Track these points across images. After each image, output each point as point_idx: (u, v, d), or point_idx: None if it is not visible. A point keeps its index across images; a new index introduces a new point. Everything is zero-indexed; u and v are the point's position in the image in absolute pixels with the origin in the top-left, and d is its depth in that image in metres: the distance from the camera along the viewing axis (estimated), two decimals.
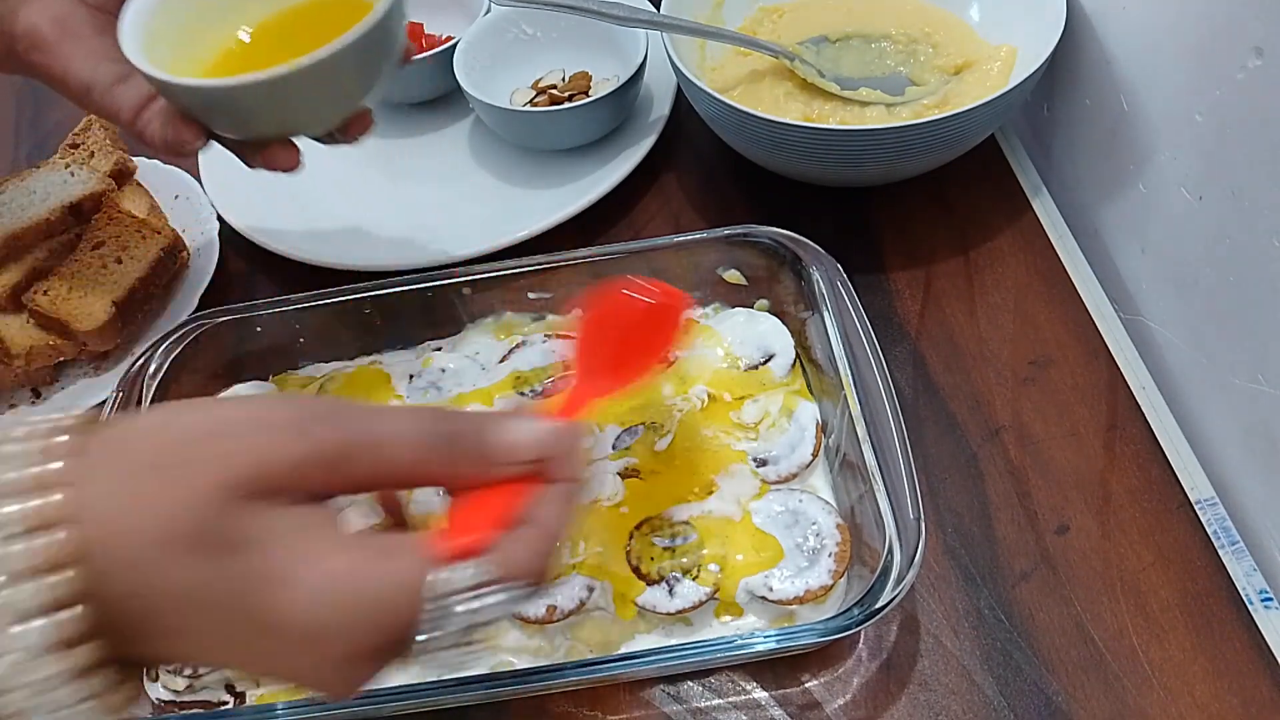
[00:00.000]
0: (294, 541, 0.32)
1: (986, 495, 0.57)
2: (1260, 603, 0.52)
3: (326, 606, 0.32)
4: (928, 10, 0.78)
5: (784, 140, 0.65)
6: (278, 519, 0.32)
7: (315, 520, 0.33)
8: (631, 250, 0.63)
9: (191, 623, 0.32)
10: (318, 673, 0.33)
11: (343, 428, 0.34)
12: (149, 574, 0.31)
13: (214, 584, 0.31)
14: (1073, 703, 0.50)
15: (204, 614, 0.32)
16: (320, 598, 0.32)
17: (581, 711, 0.52)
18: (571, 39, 0.82)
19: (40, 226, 0.70)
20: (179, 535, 0.31)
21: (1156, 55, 0.61)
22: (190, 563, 0.31)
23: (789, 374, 0.59)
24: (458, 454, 0.36)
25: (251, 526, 0.32)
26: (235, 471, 0.32)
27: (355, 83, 0.52)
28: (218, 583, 0.31)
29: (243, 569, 0.31)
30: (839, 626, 0.46)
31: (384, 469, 0.34)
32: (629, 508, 0.54)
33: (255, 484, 0.32)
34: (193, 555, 0.31)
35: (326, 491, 0.34)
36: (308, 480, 0.33)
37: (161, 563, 0.31)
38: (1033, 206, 0.71)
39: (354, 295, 0.63)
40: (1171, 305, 0.64)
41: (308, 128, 0.54)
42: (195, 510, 0.31)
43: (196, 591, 0.31)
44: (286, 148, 0.54)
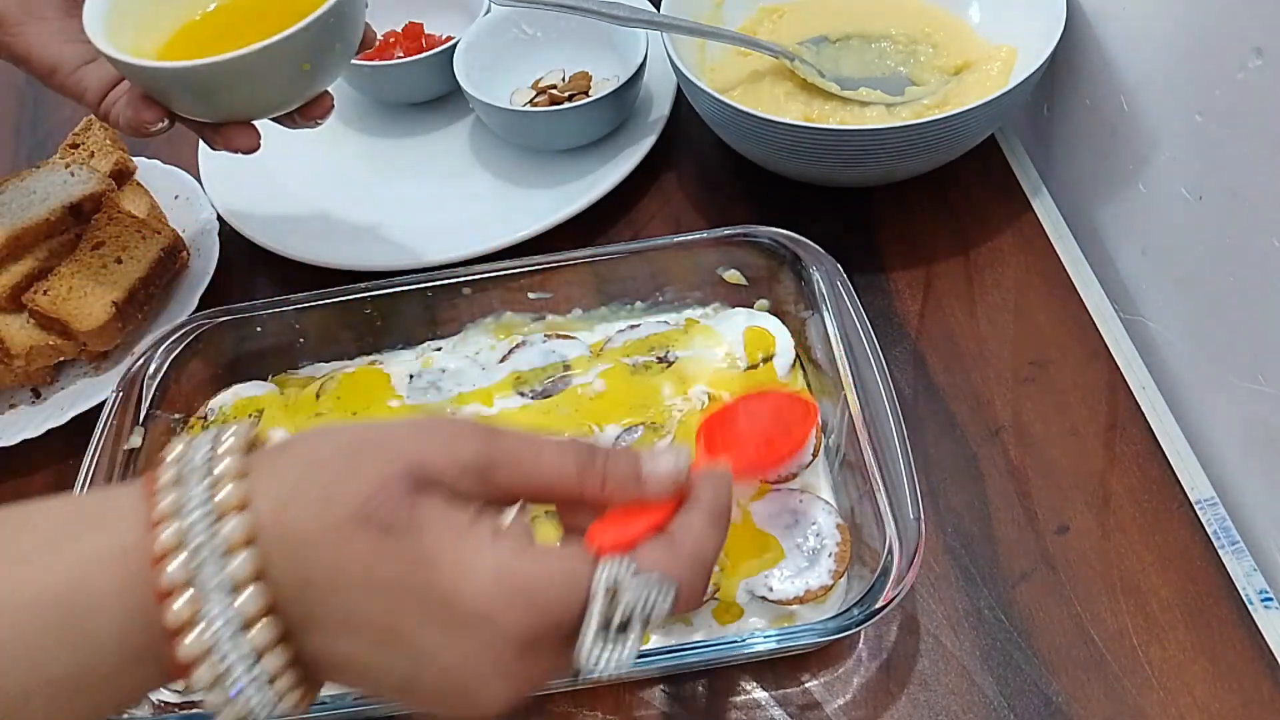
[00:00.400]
0: (463, 530, 0.33)
1: (986, 495, 0.57)
2: (1260, 603, 0.52)
3: (497, 586, 0.32)
4: (928, 10, 0.78)
5: (784, 140, 0.65)
6: (446, 511, 0.33)
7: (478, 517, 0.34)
8: (631, 250, 0.63)
9: (362, 606, 0.32)
10: (480, 661, 0.32)
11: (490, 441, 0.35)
12: (324, 552, 0.32)
13: (388, 562, 0.32)
14: (1073, 703, 0.50)
15: (375, 595, 0.32)
16: (491, 578, 0.32)
17: (581, 711, 0.52)
18: (571, 39, 0.82)
19: (40, 226, 0.70)
20: (355, 515, 0.32)
21: (1156, 55, 0.61)
22: (366, 541, 0.32)
23: (789, 374, 0.59)
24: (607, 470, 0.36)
25: (423, 513, 0.33)
26: (408, 462, 0.33)
27: (312, 66, 0.53)
28: (392, 561, 0.32)
29: (417, 549, 0.32)
30: (839, 626, 0.46)
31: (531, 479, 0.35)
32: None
33: (425, 477, 0.33)
34: (368, 534, 0.32)
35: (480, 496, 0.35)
36: (463, 484, 0.34)
37: (337, 541, 0.32)
38: (1033, 206, 0.71)
39: (354, 295, 0.63)
40: (1171, 305, 0.64)
41: (266, 110, 0.56)
42: (370, 493, 0.32)
43: (371, 568, 0.32)
44: (245, 129, 0.55)
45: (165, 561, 0.31)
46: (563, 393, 0.60)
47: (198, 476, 0.33)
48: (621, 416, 0.58)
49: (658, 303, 0.65)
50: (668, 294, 0.65)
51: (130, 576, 0.31)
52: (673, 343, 0.61)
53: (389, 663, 0.33)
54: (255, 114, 0.55)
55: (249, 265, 0.76)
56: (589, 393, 0.59)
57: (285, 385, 0.64)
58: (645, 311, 0.65)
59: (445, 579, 0.32)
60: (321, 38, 0.52)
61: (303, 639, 0.33)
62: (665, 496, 0.37)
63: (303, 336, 0.65)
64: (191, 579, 0.31)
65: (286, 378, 0.65)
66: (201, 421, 0.62)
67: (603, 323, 0.65)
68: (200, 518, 0.32)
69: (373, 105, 0.86)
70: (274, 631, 0.32)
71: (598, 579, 0.33)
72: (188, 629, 0.31)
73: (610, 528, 0.36)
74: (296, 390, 0.63)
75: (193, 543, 0.31)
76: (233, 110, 0.54)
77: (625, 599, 0.33)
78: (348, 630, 0.32)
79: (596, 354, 0.62)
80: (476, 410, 0.60)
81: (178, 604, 0.31)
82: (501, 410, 0.60)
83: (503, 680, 0.33)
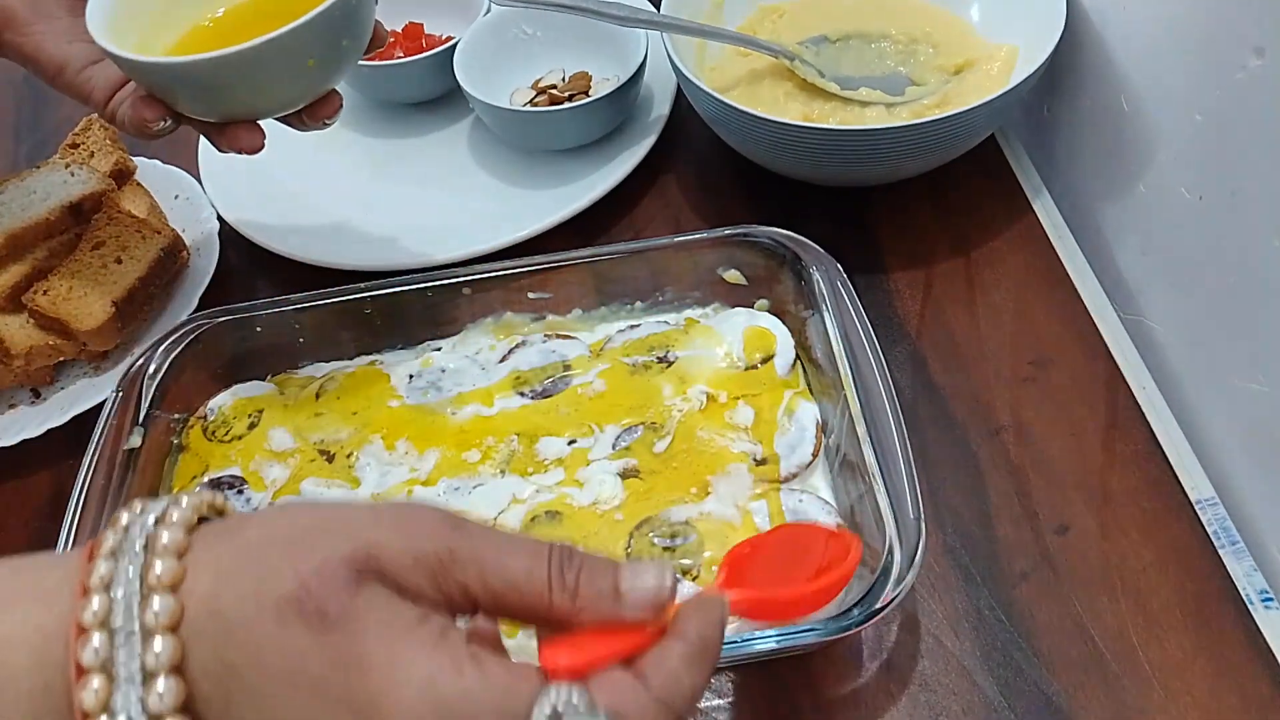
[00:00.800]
0: (402, 631, 0.30)
1: (986, 495, 0.57)
2: (1260, 603, 0.52)
3: (424, 703, 0.29)
4: (928, 10, 0.78)
5: (784, 140, 0.65)
6: (388, 606, 0.31)
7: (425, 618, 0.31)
8: (631, 250, 0.63)
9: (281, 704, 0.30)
10: None
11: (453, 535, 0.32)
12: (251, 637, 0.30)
13: (315, 657, 0.30)
14: (1073, 703, 0.50)
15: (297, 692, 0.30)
16: (420, 693, 0.30)
17: None
18: (571, 39, 0.82)
19: (40, 226, 0.70)
20: (288, 600, 0.30)
21: (1156, 55, 0.61)
22: (295, 630, 0.30)
23: (789, 374, 0.59)
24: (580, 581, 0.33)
25: (361, 606, 0.30)
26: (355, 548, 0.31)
27: (318, 62, 0.52)
28: (319, 656, 0.30)
29: (347, 647, 0.30)
30: (839, 626, 0.46)
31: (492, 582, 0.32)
32: (629, 508, 0.54)
33: (372, 566, 0.31)
34: (299, 622, 0.30)
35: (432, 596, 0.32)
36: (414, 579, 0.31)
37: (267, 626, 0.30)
38: (1033, 206, 0.71)
39: (354, 295, 0.63)
40: (1171, 305, 0.64)
41: (272, 108, 0.55)
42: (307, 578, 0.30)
43: (296, 662, 0.30)
44: (250, 129, 0.54)
45: (85, 639, 0.29)
46: (563, 392, 0.60)
47: (135, 549, 0.31)
48: (621, 416, 0.58)
49: (658, 303, 0.65)
50: (668, 294, 0.65)
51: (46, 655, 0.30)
52: (673, 343, 0.61)
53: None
54: (260, 112, 0.54)
55: (249, 265, 0.76)
56: (589, 393, 0.59)
57: (285, 385, 0.64)
58: (645, 311, 0.65)
59: (372, 686, 0.30)
60: (327, 33, 0.51)
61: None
62: (644, 619, 0.33)
63: (303, 336, 0.65)
64: (105, 663, 0.29)
65: (286, 378, 0.65)
66: (201, 421, 0.62)
67: (603, 323, 0.65)
68: (127, 595, 0.30)
69: (373, 105, 0.86)
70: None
71: (539, 708, 0.30)
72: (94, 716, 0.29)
73: (570, 647, 0.32)
74: (296, 390, 0.63)
75: (115, 623, 0.30)
76: (237, 108, 0.53)
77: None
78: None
79: (596, 354, 0.62)
80: (476, 410, 0.60)
81: (87, 690, 0.29)
82: (501, 410, 0.60)
83: None
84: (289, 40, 0.49)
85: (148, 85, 0.53)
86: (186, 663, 0.30)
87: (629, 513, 0.54)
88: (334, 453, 0.59)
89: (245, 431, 0.61)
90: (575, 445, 0.57)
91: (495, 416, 0.60)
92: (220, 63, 0.49)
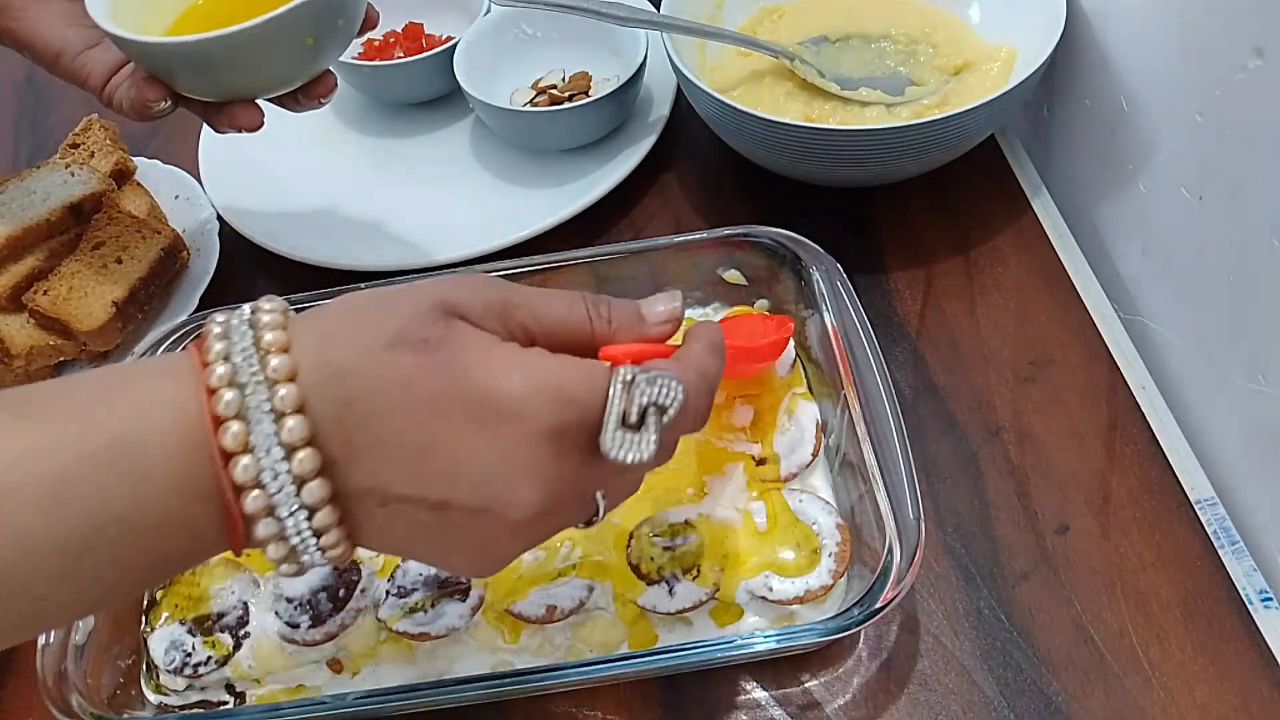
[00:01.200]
0: (492, 342, 0.36)
1: (986, 495, 0.57)
2: (1260, 603, 0.52)
3: (527, 382, 0.35)
4: (928, 10, 0.78)
5: (784, 140, 0.65)
6: (478, 332, 0.36)
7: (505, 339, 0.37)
8: (631, 250, 0.63)
9: (401, 420, 0.34)
10: (515, 456, 0.34)
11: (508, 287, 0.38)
12: (363, 378, 0.34)
13: (425, 374, 0.34)
14: (1073, 703, 0.50)
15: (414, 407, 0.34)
16: (521, 377, 0.35)
17: (581, 711, 0.52)
18: (571, 39, 0.82)
19: (40, 226, 0.70)
20: (391, 339, 0.34)
21: (1156, 55, 0.61)
22: (403, 359, 0.34)
23: (789, 374, 0.59)
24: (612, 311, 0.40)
25: (455, 331, 0.35)
26: (437, 297, 0.36)
27: (315, 41, 0.53)
28: (428, 372, 0.34)
29: (451, 360, 0.35)
30: (839, 626, 0.46)
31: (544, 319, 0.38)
32: (628, 508, 0.54)
33: (453, 309, 0.36)
34: (404, 352, 0.34)
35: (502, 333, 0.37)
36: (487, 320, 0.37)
37: (375, 365, 0.34)
38: (1033, 206, 0.71)
39: None
40: (1171, 305, 0.64)
41: (270, 86, 0.56)
42: (404, 321, 0.35)
43: (409, 382, 0.34)
44: (248, 107, 0.55)
45: (217, 396, 0.33)
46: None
47: (243, 327, 0.35)
48: None
49: None
50: None
51: (183, 414, 0.34)
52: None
53: (428, 477, 0.34)
54: (258, 91, 0.55)
55: (249, 265, 0.76)
56: None
57: None
58: None
59: (479, 380, 0.34)
60: (324, 12, 0.52)
61: (345, 473, 0.34)
62: (666, 330, 0.41)
63: None
64: (240, 411, 0.33)
65: None
66: None
67: None
68: (246, 359, 0.34)
69: (373, 105, 0.86)
70: (316, 461, 0.34)
71: (615, 376, 0.36)
72: (238, 457, 0.33)
73: (621, 349, 0.39)
74: None
75: (241, 379, 0.34)
76: (235, 87, 0.54)
77: (640, 390, 0.36)
78: (389, 450, 0.34)
79: None
80: None
81: (226, 434, 0.33)
82: None
83: (535, 479, 0.35)
84: (288, 19, 0.51)
85: (149, 66, 0.53)
86: (309, 407, 0.34)
87: (629, 513, 0.54)
88: None
89: None
90: None
91: None
92: (221, 41, 0.50)
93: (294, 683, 0.53)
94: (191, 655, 0.52)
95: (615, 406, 0.35)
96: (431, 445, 0.34)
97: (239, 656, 0.52)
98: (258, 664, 0.52)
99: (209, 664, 0.52)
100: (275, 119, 0.58)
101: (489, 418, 0.34)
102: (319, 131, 0.84)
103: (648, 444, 0.35)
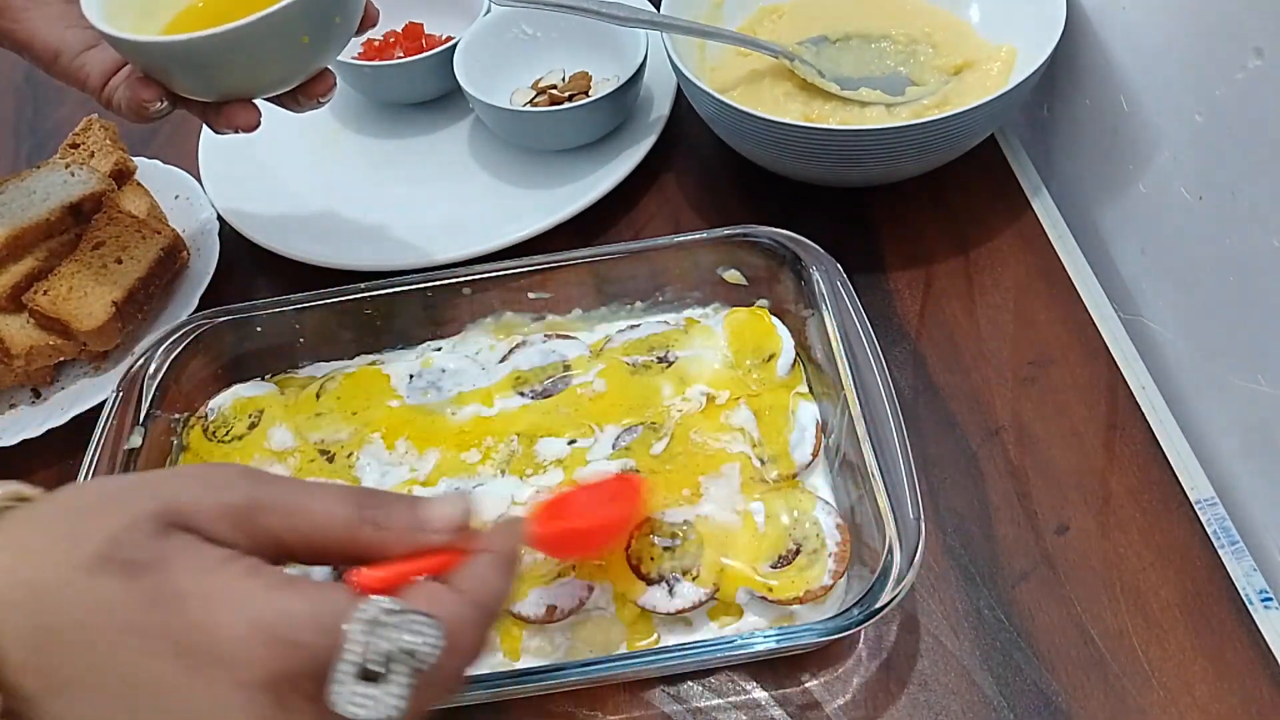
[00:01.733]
0: (213, 566, 0.31)
1: (986, 495, 0.57)
2: (1260, 603, 0.52)
3: (246, 623, 0.30)
4: (928, 10, 0.78)
5: (784, 140, 0.65)
6: (197, 548, 0.32)
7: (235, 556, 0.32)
8: (631, 250, 0.63)
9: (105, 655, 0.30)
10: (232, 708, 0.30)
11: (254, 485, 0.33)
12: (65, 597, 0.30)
13: (133, 602, 0.30)
14: (1073, 703, 0.50)
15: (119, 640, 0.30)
16: (241, 614, 0.30)
17: (581, 711, 0.52)
18: (571, 39, 0.82)
19: (40, 226, 0.70)
20: (99, 555, 0.30)
21: (1156, 55, 0.61)
22: (109, 582, 0.30)
23: (789, 374, 0.59)
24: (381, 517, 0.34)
25: (171, 550, 0.31)
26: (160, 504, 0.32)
27: (311, 39, 0.53)
28: (137, 601, 0.30)
29: (163, 586, 0.30)
30: (839, 626, 0.46)
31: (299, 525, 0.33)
32: None
33: (177, 519, 0.32)
34: (112, 574, 0.30)
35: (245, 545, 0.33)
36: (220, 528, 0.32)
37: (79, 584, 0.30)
38: (1033, 206, 0.71)
39: (354, 295, 0.63)
40: (1171, 305, 0.64)
41: (267, 85, 0.55)
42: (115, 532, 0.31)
43: (115, 611, 0.30)
44: (245, 107, 0.55)
45: None
46: (563, 393, 0.60)
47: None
48: (621, 416, 0.58)
49: (658, 303, 0.65)
50: (668, 294, 0.65)
51: None
52: (673, 343, 0.61)
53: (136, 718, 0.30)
54: (256, 90, 0.55)
55: (249, 265, 0.76)
56: (589, 393, 0.59)
57: (285, 385, 0.64)
58: (645, 311, 0.65)
59: (193, 616, 0.30)
60: (320, 10, 0.52)
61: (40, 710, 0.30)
62: (446, 542, 0.35)
63: (303, 336, 0.65)
64: None
65: (286, 378, 0.65)
66: (202, 421, 0.62)
67: (603, 323, 0.65)
68: None
69: (373, 105, 0.86)
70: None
71: (358, 614, 0.31)
72: None
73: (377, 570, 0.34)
74: (296, 390, 0.63)
75: None
76: (232, 87, 0.54)
77: (384, 635, 0.31)
78: (91, 689, 0.30)
79: (596, 354, 0.62)
80: (476, 411, 0.60)
81: None
82: (501, 410, 0.60)
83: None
84: (283, 17, 0.50)
85: (145, 66, 0.53)
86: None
87: None
88: (334, 453, 0.59)
89: (245, 431, 0.61)
90: (575, 445, 0.57)
91: (495, 417, 0.59)
92: (217, 40, 0.50)
93: None
94: None
95: (351, 654, 0.30)
96: (139, 687, 0.30)
97: None
98: None
99: None
100: (275, 120, 0.58)
101: (201, 662, 0.30)
102: (319, 132, 0.84)
103: (391, 698, 0.30)
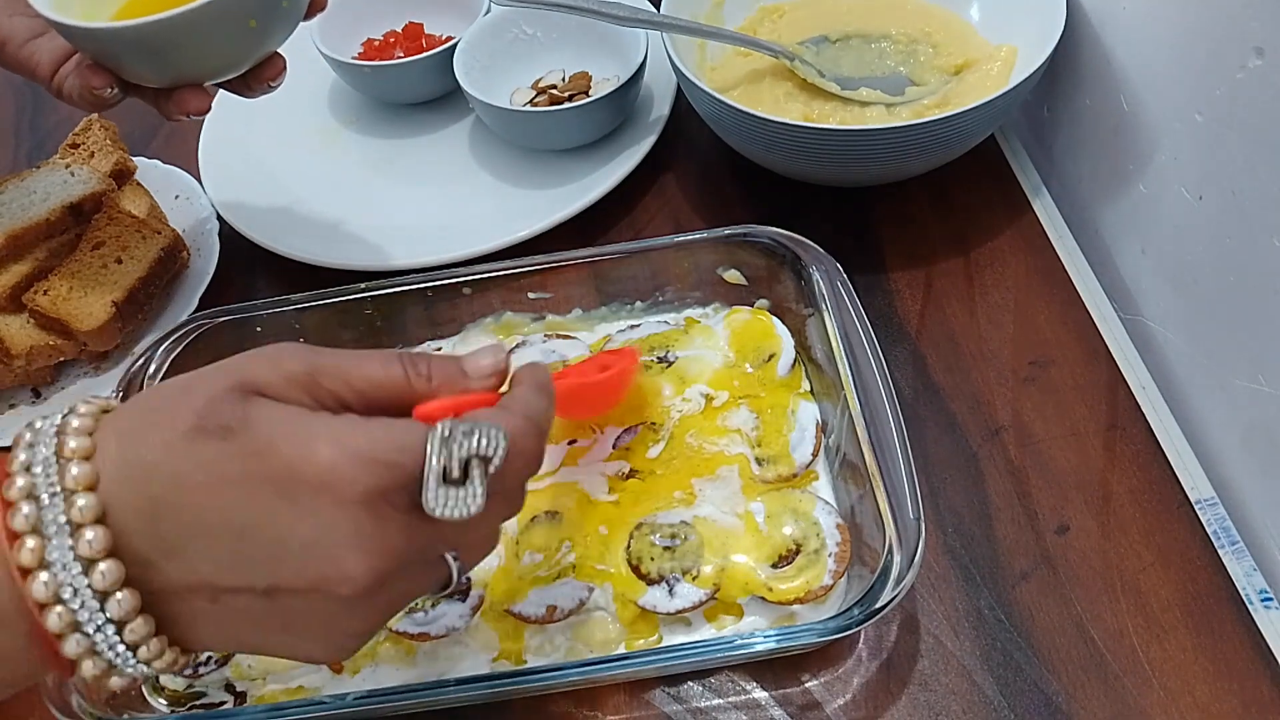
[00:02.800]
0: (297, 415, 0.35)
1: (986, 495, 0.57)
2: (1260, 603, 0.52)
3: (338, 452, 0.33)
4: (928, 10, 0.78)
5: (784, 140, 0.65)
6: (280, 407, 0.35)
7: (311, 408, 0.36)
8: (631, 250, 0.63)
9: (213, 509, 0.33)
10: (335, 528, 0.33)
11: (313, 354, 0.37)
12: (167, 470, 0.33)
13: (230, 459, 0.33)
14: (1073, 703, 0.50)
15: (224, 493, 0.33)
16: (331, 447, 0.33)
17: (581, 711, 0.52)
18: (571, 39, 0.82)
19: (40, 226, 0.70)
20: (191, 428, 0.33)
21: (1156, 55, 0.61)
22: (205, 448, 0.33)
23: (789, 374, 0.59)
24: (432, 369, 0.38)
25: (255, 412, 0.34)
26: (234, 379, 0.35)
27: (259, 23, 0.53)
28: (233, 457, 0.33)
29: (255, 441, 0.33)
30: (839, 626, 0.46)
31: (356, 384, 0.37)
32: (627, 509, 0.54)
33: (252, 388, 0.35)
34: (206, 440, 0.33)
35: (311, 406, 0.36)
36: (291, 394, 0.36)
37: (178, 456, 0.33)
38: (1033, 206, 0.71)
39: (354, 295, 0.63)
40: (1171, 305, 0.64)
41: (216, 70, 0.55)
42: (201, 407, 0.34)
43: (215, 470, 0.33)
44: (196, 92, 0.55)
45: (14, 509, 0.33)
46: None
47: (49, 436, 0.34)
48: (621, 417, 0.58)
49: (658, 303, 0.65)
50: (668, 294, 0.65)
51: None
52: (673, 343, 0.61)
53: (250, 563, 0.33)
54: (205, 75, 0.55)
55: (249, 265, 0.76)
56: None
57: None
58: (645, 311, 0.65)
59: (287, 457, 0.33)
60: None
61: (164, 572, 0.33)
62: (489, 384, 0.40)
63: (303, 336, 0.65)
64: (35, 525, 0.32)
65: None
66: None
67: (603, 323, 0.65)
68: (46, 469, 0.33)
69: (373, 105, 0.86)
70: (118, 573, 0.33)
71: (432, 435, 0.35)
72: (36, 573, 0.32)
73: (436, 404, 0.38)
74: None
75: (39, 492, 0.33)
76: (182, 72, 0.54)
77: (459, 443, 0.35)
78: (205, 540, 0.33)
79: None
80: None
81: (22, 550, 0.32)
82: None
83: (360, 548, 0.34)
84: (229, 2, 0.50)
85: (94, 53, 0.53)
86: (111, 513, 0.33)
87: (628, 514, 0.54)
88: None
89: None
90: (574, 445, 0.57)
91: None
92: (164, 25, 0.50)
93: (294, 682, 0.53)
94: None
95: (434, 463, 0.34)
96: (248, 529, 0.33)
97: (239, 656, 0.52)
98: (257, 664, 0.52)
99: (209, 664, 0.52)
100: (275, 120, 0.58)
101: (301, 493, 0.33)
102: (319, 131, 0.84)
103: (474, 496, 0.34)
